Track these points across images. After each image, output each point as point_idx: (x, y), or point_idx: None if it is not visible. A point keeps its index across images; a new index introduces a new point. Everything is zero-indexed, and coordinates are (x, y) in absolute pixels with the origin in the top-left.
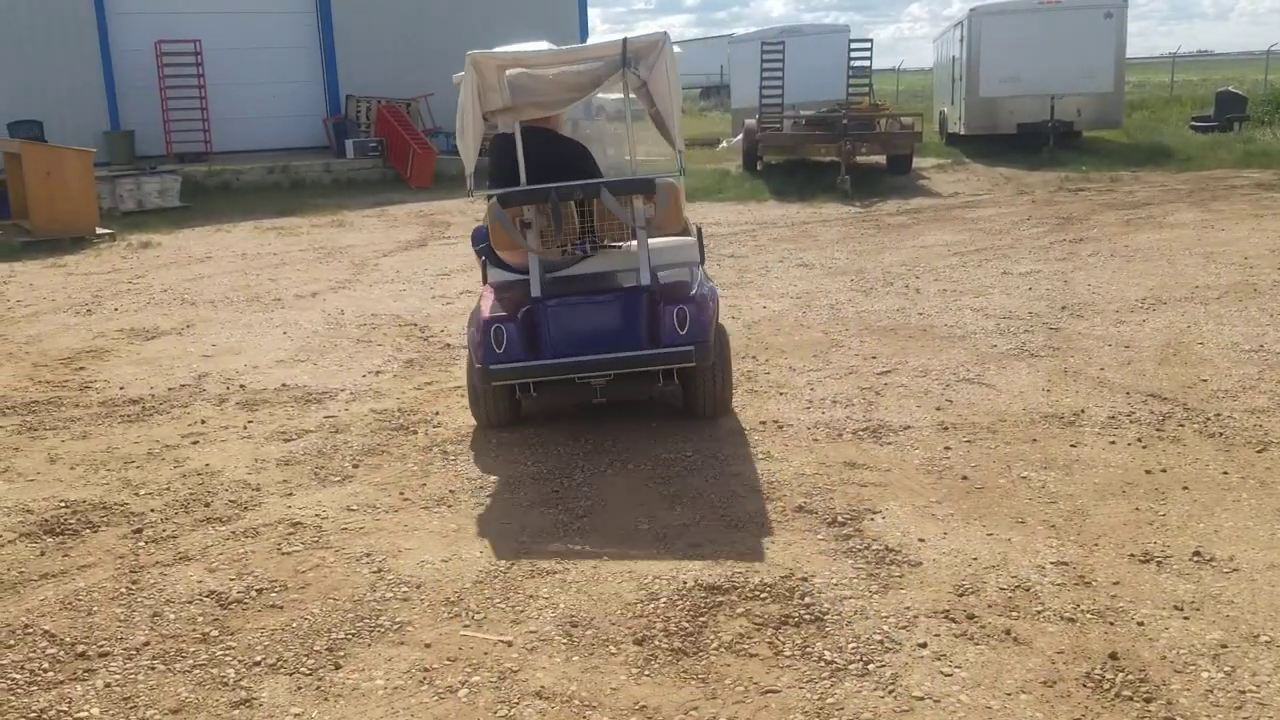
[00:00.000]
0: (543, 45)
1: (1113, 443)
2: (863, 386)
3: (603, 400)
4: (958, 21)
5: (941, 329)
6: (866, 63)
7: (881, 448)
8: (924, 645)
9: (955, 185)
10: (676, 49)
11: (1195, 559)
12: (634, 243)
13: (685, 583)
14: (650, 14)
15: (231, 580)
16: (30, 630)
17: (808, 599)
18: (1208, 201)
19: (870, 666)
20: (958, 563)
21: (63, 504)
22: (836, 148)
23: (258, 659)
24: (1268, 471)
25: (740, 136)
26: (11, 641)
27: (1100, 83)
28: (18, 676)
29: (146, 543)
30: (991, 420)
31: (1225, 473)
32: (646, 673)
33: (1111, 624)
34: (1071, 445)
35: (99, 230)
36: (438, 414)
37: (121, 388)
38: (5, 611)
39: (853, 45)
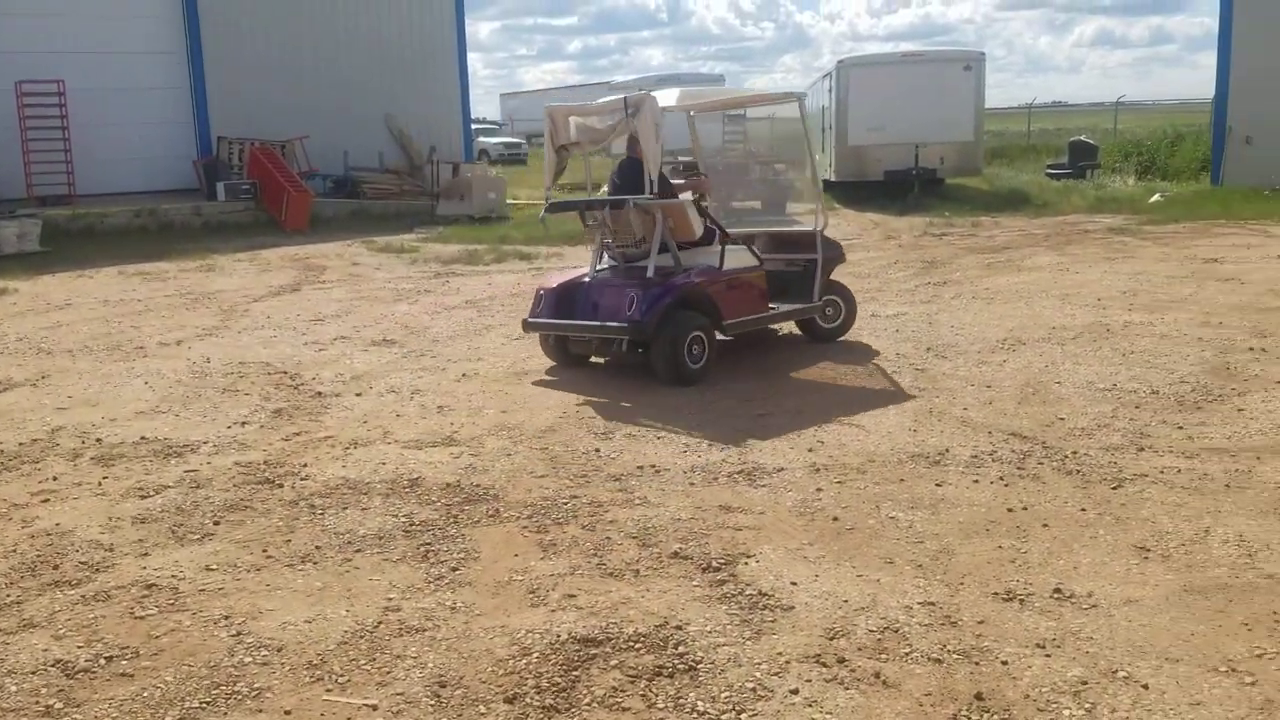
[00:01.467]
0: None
1: (976, 481)
2: (739, 429)
3: (600, 360)
4: (827, 73)
5: (805, 373)
6: (740, 111)
7: (756, 490)
8: (796, 692)
9: (830, 231)
10: (662, 106)
11: (1056, 596)
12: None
13: (559, 636)
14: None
15: (79, 648)
16: None
17: (682, 648)
18: (1063, 245)
19: (743, 716)
20: (829, 605)
21: None
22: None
23: None
24: (1123, 508)
25: None
26: None
27: (961, 132)
28: None
29: None
30: (861, 461)
31: (1083, 509)
32: None
33: (977, 664)
34: (937, 484)
35: None
36: (306, 466)
37: None
38: None
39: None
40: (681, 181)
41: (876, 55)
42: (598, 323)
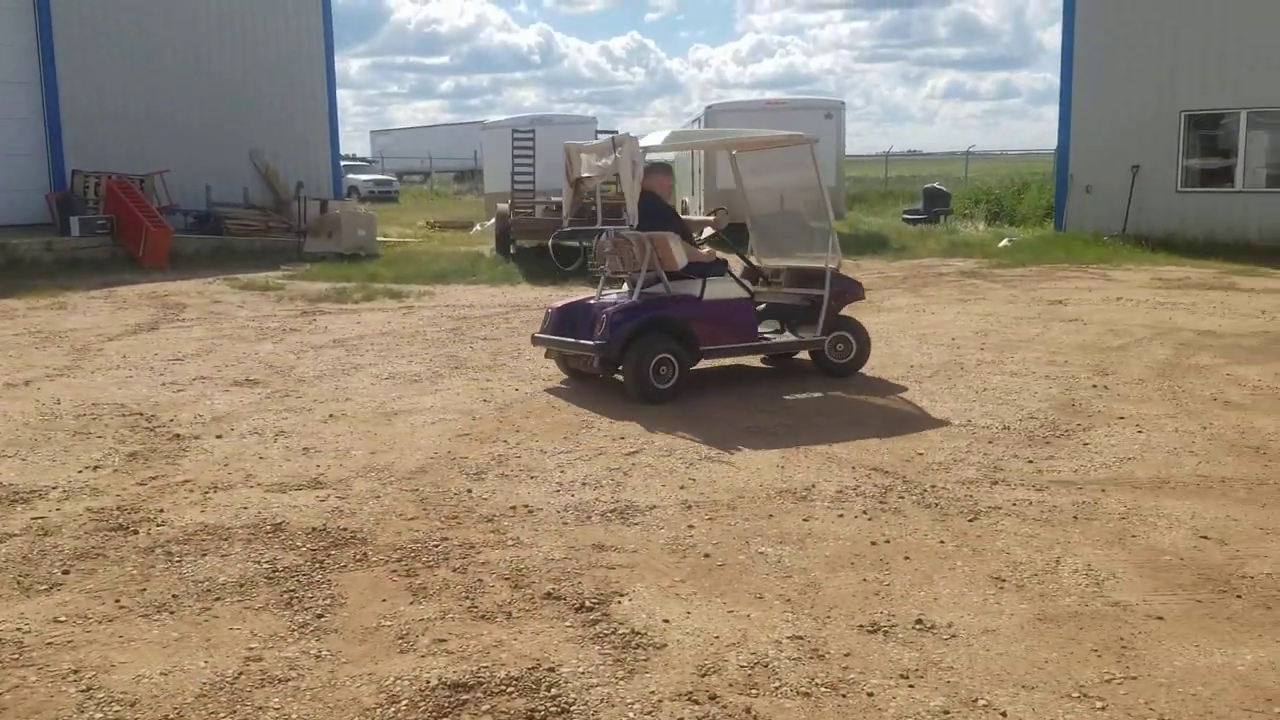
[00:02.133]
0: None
1: (841, 516)
2: (611, 467)
3: (594, 372)
4: (696, 117)
5: (679, 406)
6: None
7: (629, 529)
8: None
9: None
10: (644, 145)
11: (918, 627)
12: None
13: (428, 682)
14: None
15: None
16: None
17: (554, 690)
18: (919, 287)
19: None
20: (700, 642)
21: None
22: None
23: None
24: (979, 539)
25: (494, 220)
26: None
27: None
28: None
29: None
30: (731, 497)
31: (942, 541)
32: None
33: (844, 696)
34: (804, 519)
35: None
36: (162, 511)
37: None
38: None
39: (599, 136)
40: (700, 218)
41: (743, 102)
42: (573, 341)
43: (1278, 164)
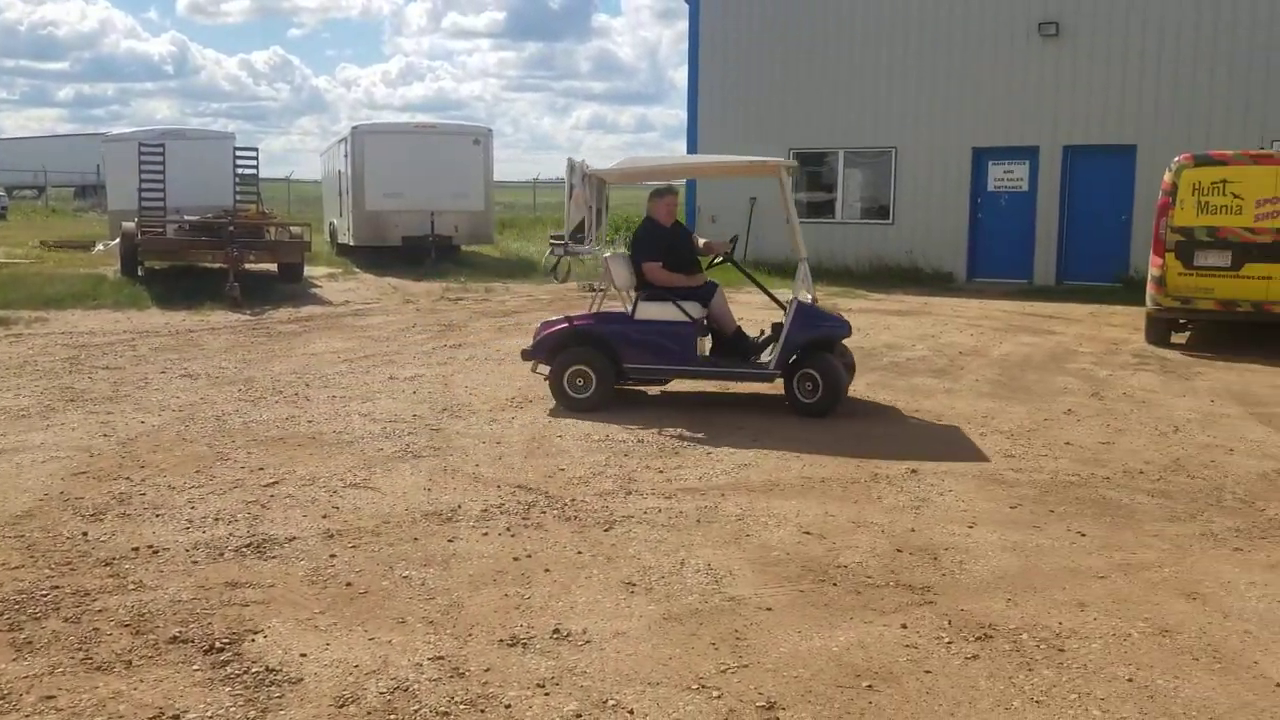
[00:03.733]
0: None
1: (485, 534)
2: (248, 500)
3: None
4: (342, 138)
5: (330, 435)
6: (253, 170)
7: (266, 563)
8: None
9: (346, 294)
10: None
11: (555, 636)
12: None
13: None
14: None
15: None
16: None
17: None
18: (565, 310)
19: None
20: (339, 673)
21: None
22: (224, 254)
23: None
24: (613, 547)
25: (118, 240)
26: None
27: (473, 202)
28: None
29: None
30: (376, 523)
31: (579, 552)
32: None
33: (483, 711)
34: (449, 540)
35: None
36: None
37: None
38: None
39: (238, 152)
40: (705, 241)
41: (391, 124)
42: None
43: (871, 198)
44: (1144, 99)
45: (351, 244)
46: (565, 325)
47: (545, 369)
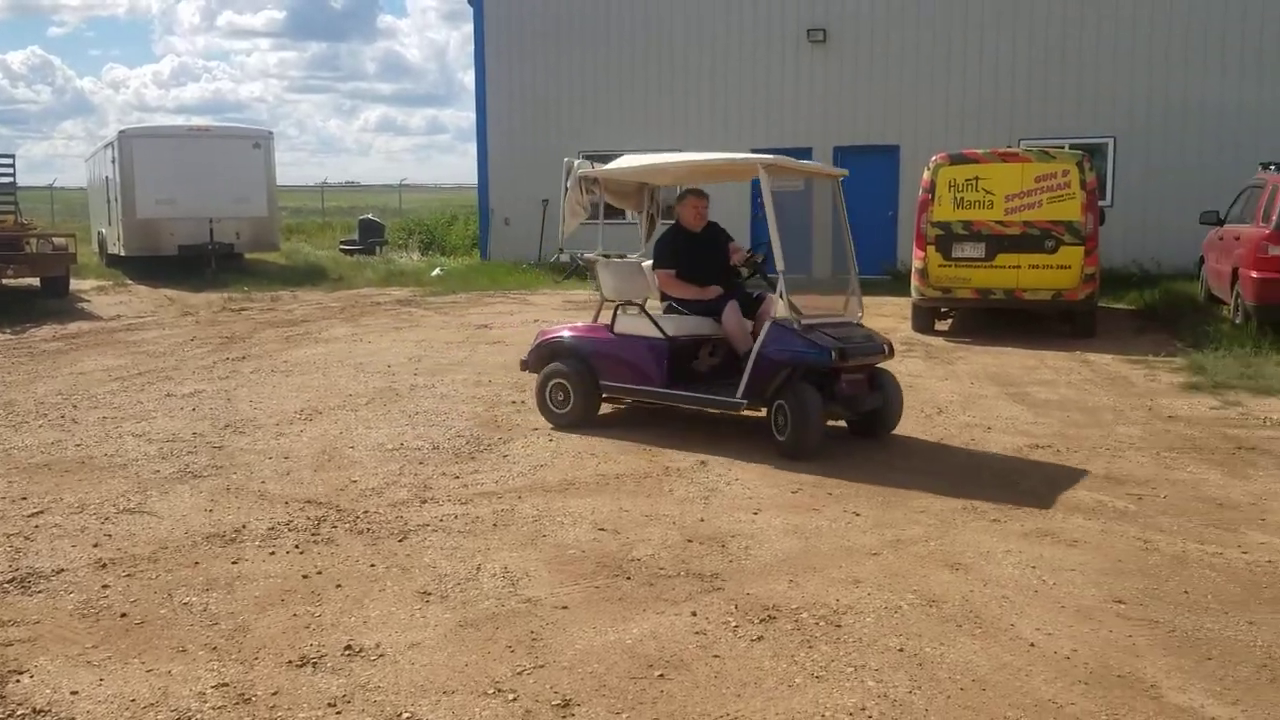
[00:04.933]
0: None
1: (273, 553)
2: (9, 533)
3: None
4: (108, 142)
5: (101, 459)
6: (10, 179)
7: (30, 598)
8: None
9: (117, 308)
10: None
11: (347, 653)
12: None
13: None
14: None
15: None
16: None
17: None
18: (358, 317)
19: None
20: (114, 709)
21: None
22: None
23: None
24: (408, 558)
25: None
26: None
27: (255, 208)
28: None
29: None
30: (153, 549)
31: (373, 565)
32: None
33: None
34: (233, 562)
35: None
36: None
37: None
38: None
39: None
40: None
41: (162, 127)
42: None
43: (662, 199)
44: (904, 102)
45: (123, 254)
46: (554, 336)
47: None
